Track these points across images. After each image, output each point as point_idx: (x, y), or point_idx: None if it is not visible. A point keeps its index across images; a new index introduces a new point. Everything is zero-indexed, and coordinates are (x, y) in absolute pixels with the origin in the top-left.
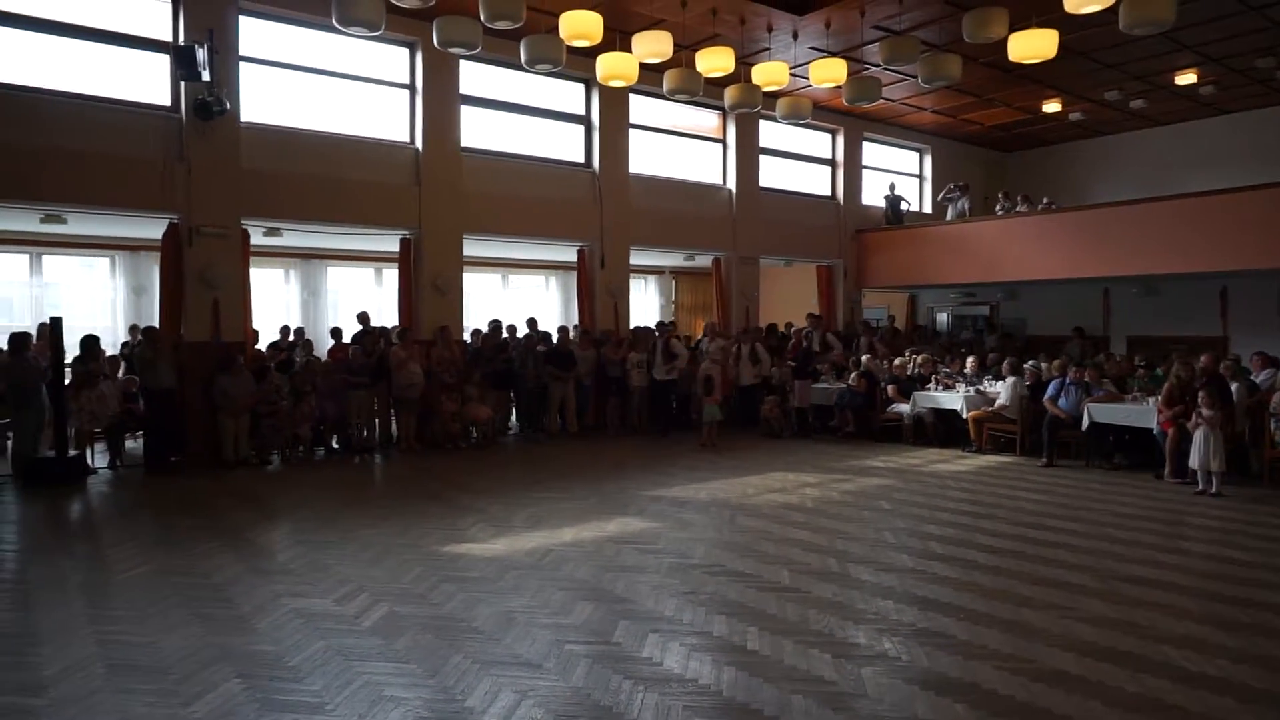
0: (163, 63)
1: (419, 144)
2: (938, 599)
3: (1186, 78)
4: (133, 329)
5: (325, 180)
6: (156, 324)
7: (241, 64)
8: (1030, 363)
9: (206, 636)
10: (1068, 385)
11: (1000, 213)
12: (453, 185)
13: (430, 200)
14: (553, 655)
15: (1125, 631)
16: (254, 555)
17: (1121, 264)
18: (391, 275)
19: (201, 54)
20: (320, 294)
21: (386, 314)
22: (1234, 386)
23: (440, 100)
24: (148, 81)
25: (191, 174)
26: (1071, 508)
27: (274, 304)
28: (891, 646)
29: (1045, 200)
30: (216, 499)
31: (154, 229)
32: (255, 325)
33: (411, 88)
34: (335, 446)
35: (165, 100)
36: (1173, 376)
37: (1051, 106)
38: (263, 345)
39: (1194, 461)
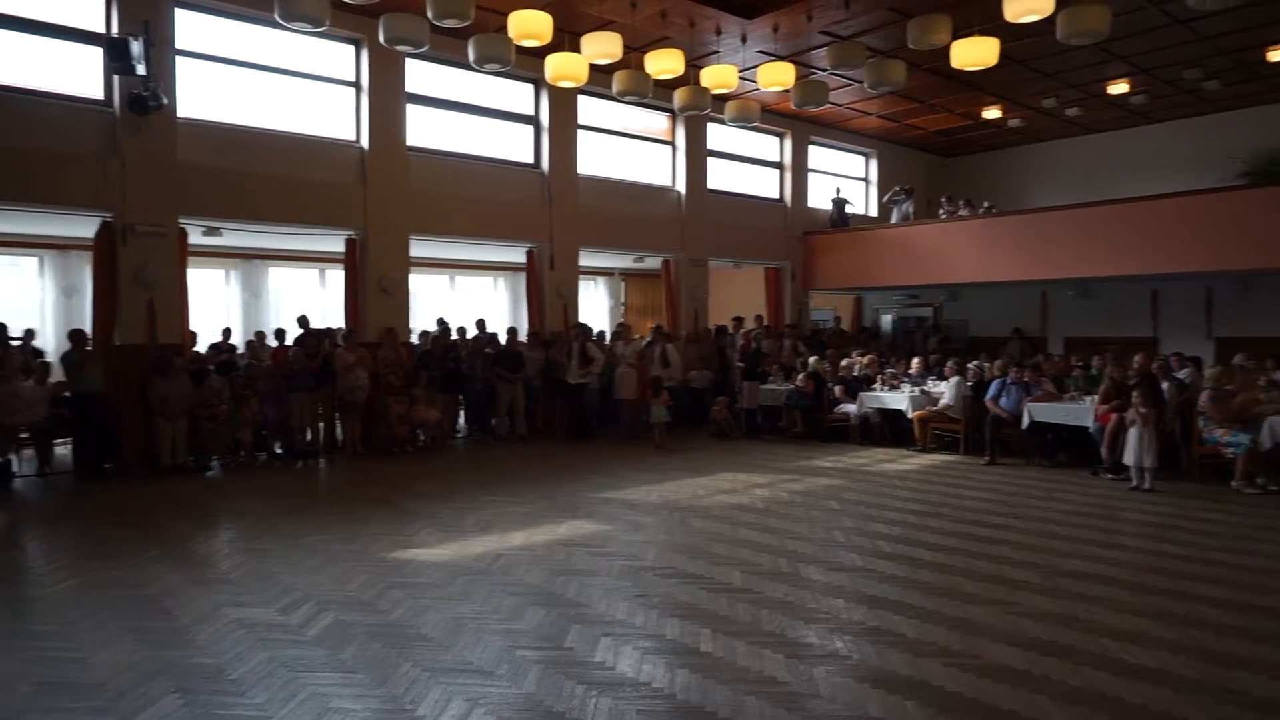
0: (95, 55)
1: (365, 143)
2: (887, 597)
3: (1119, 87)
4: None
5: (267, 179)
6: (89, 326)
7: (179, 58)
8: (973, 363)
9: (142, 650)
10: (1008, 385)
11: (943, 216)
12: (399, 185)
13: (376, 200)
14: (504, 662)
15: (1067, 625)
16: (193, 564)
17: (1058, 267)
18: (336, 276)
19: (136, 47)
20: (262, 295)
21: (331, 315)
22: (1165, 386)
23: (386, 99)
24: (79, 74)
25: (125, 171)
26: (1013, 504)
27: (213, 305)
28: (842, 645)
29: (986, 204)
30: (152, 507)
31: (85, 227)
32: (193, 327)
33: (357, 85)
34: (278, 451)
35: (98, 94)
36: (1107, 377)
37: (992, 113)
38: (203, 347)
39: (1128, 458)
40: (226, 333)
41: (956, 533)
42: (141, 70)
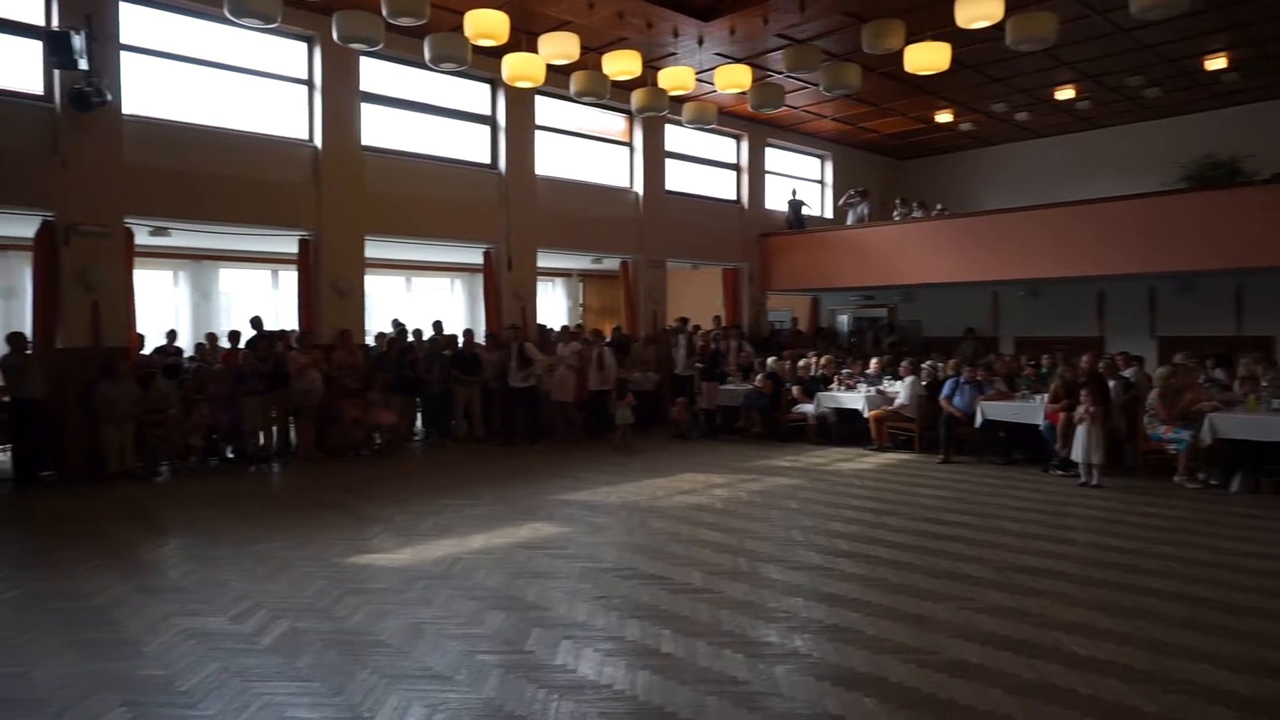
0: (35, 49)
1: (318, 142)
2: (845, 595)
3: (1066, 93)
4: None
5: (217, 178)
6: (29, 329)
7: (124, 53)
8: (927, 363)
9: (87, 663)
10: (962, 384)
11: (897, 218)
12: (354, 185)
13: (330, 200)
14: (464, 666)
15: (1020, 620)
16: (141, 573)
17: (1008, 268)
18: (289, 277)
19: (78, 41)
20: (212, 297)
21: (284, 317)
22: (1111, 385)
23: (340, 97)
24: (18, 69)
25: (67, 169)
26: (968, 502)
27: (161, 307)
28: (802, 644)
29: (939, 206)
30: (98, 515)
31: (25, 227)
32: (140, 330)
33: (310, 84)
34: (229, 456)
35: (38, 89)
36: (1058, 377)
37: (944, 117)
38: (151, 350)
39: (1076, 455)
40: (172, 335)
41: (913, 530)
42: (84, 65)
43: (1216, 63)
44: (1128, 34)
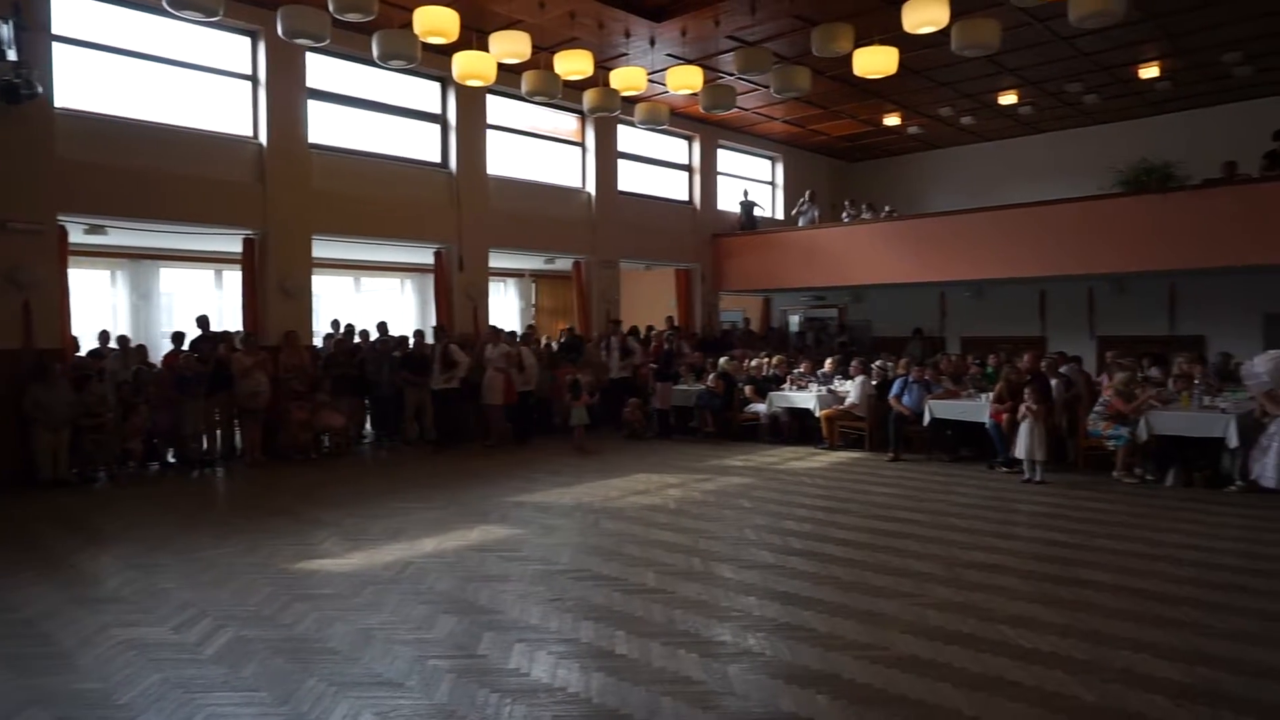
0: None
1: (263, 139)
2: (798, 593)
3: (1009, 98)
4: None
5: (157, 174)
6: None
7: (56, 44)
8: (877, 362)
9: (16, 679)
10: (910, 383)
11: (846, 219)
12: (301, 183)
13: (276, 198)
14: (415, 672)
15: (968, 614)
16: (76, 584)
17: (954, 269)
18: (234, 277)
19: (6, 31)
20: (152, 297)
21: (229, 318)
22: (1054, 383)
23: (286, 93)
24: None
25: None
26: (917, 499)
27: (98, 307)
28: (755, 642)
29: (887, 208)
30: (30, 523)
31: None
32: (76, 331)
33: (254, 79)
34: (171, 461)
35: None
36: (1003, 376)
37: (892, 120)
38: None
39: (1019, 452)
40: (104, 336)
41: (864, 528)
42: (12, 56)
43: (1150, 71)
44: (1067, 42)
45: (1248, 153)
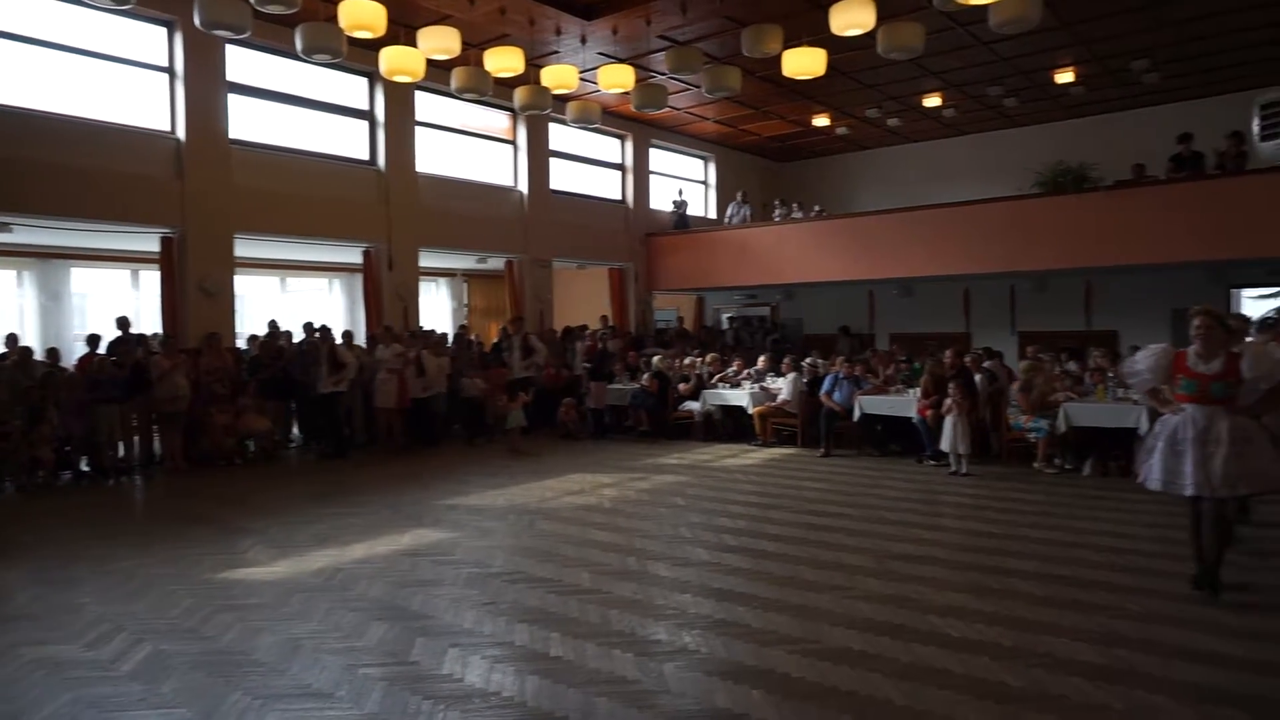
0: None
1: (180, 133)
2: (733, 589)
3: (933, 100)
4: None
5: (66, 170)
6: None
7: None
8: (807, 360)
9: None
10: (841, 380)
11: (777, 219)
12: (222, 180)
13: (195, 195)
14: (345, 682)
15: (898, 606)
16: None
17: (882, 267)
18: (151, 277)
19: None
20: (63, 298)
21: (147, 320)
22: (977, 378)
23: (204, 87)
24: None
25: None
26: (848, 493)
27: (4, 310)
28: (691, 640)
29: (817, 208)
30: None
31: None
32: None
33: (170, 71)
34: (85, 469)
35: None
36: (927, 371)
37: (821, 121)
38: None
39: (944, 445)
40: (11, 340)
41: (797, 523)
42: None
43: (1065, 76)
44: (987, 46)
45: (1156, 156)
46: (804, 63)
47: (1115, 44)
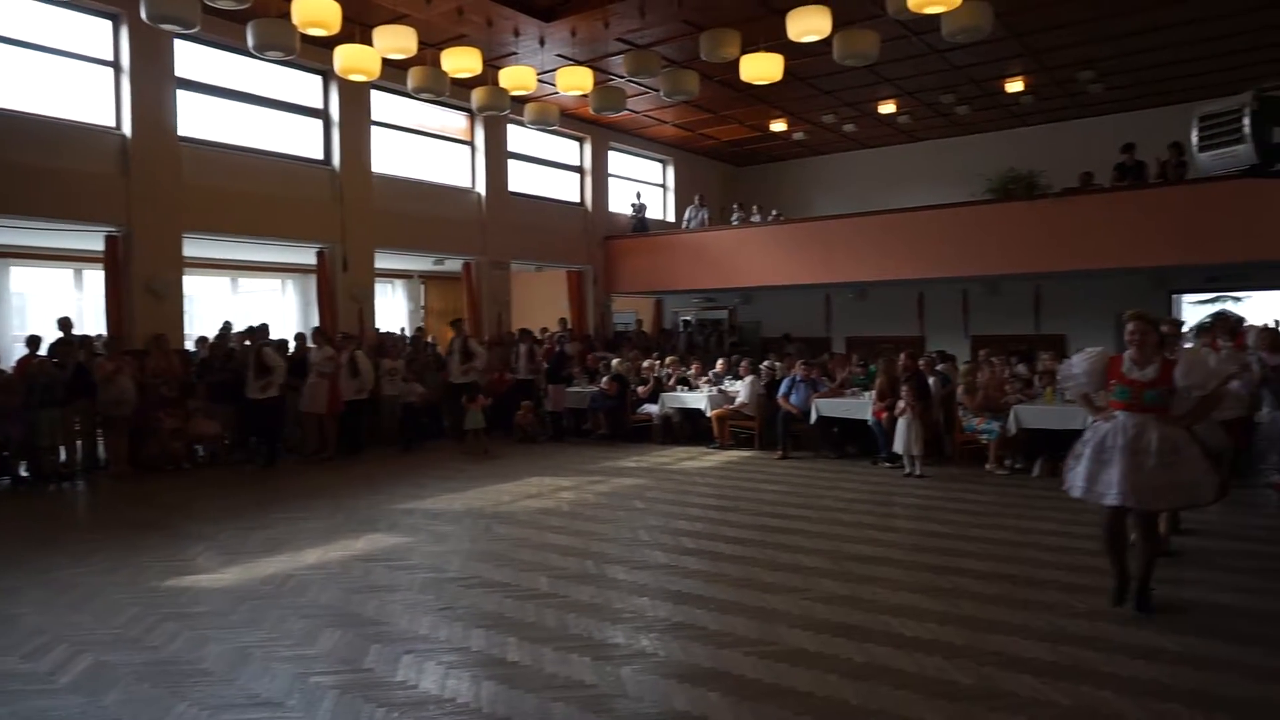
0: None
1: (126, 129)
2: (690, 592)
3: (888, 107)
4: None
5: (5, 165)
6: None
7: None
8: (765, 363)
9: None
10: (797, 382)
11: (735, 222)
12: (170, 177)
13: (141, 193)
14: (296, 690)
15: (853, 607)
16: None
17: (838, 271)
18: (96, 277)
19: None
20: (1, 298)
21: (91, 320)
22: (931, 381)
23: (152, 82)
24: None
25: None
26: (804, 495)
27: None
28: (648, 643)
29: (774, 212)
30: None
31: None
32: None
33: (116, 65)
34: (24, 475)
35: None
36: (882, 374)
37: (778, 126)
38: None
39: (898, 447)
40: None
41: (754, 525)
42: None
43: (1015, 85)
44: (940, 55)
45: (1102, 164)
46: (761, 68)
47: (1062, 55)
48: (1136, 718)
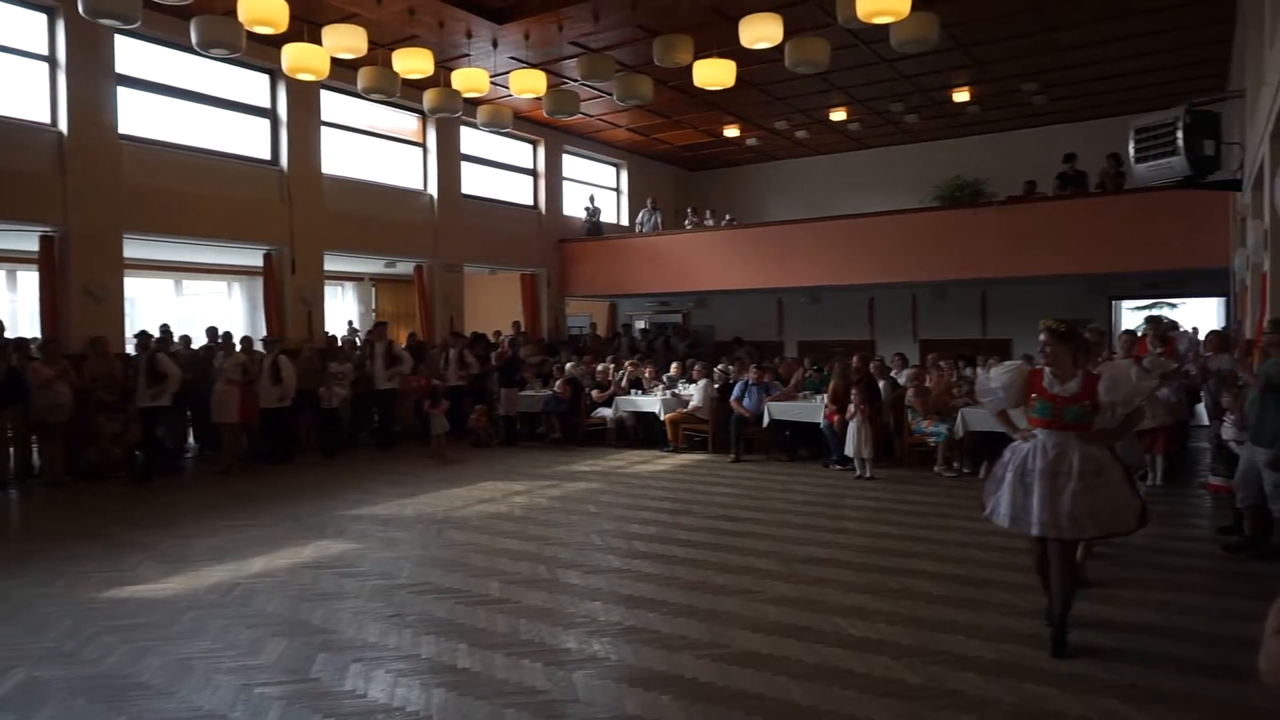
0: None
1: (63, 126)
2: (643, 596)
3: (839, 114)
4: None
5: None
6: None
7: None
8: (718, 366)
9: None
10: (750, 386)
11: (689, 226)
12: (110, 177)
13: (79, 193)
14: (240, 702)
15: (804, 608)
16: None
17: (790, 276)
18: (30, 278)
19: None
20: None
21: (25, 323)
22: (881, 384)
23: (90, 78)
24: None
25: None
26: (757, 498)
27: None
28: (601, 648)
29: (728, 217)
30: None
31: None
32: None
33: (51, 60)
34: None
35: None
36: (835, 378)
37: (731, 131)
38: None
39: (849, 450)
40: None
41: (707, 528)
42: None
43: (961, 95)
44: (889, 64)
45: (1046, 173)
46: (714, 74)
47: (1007, 67)
48: (1077, 714)
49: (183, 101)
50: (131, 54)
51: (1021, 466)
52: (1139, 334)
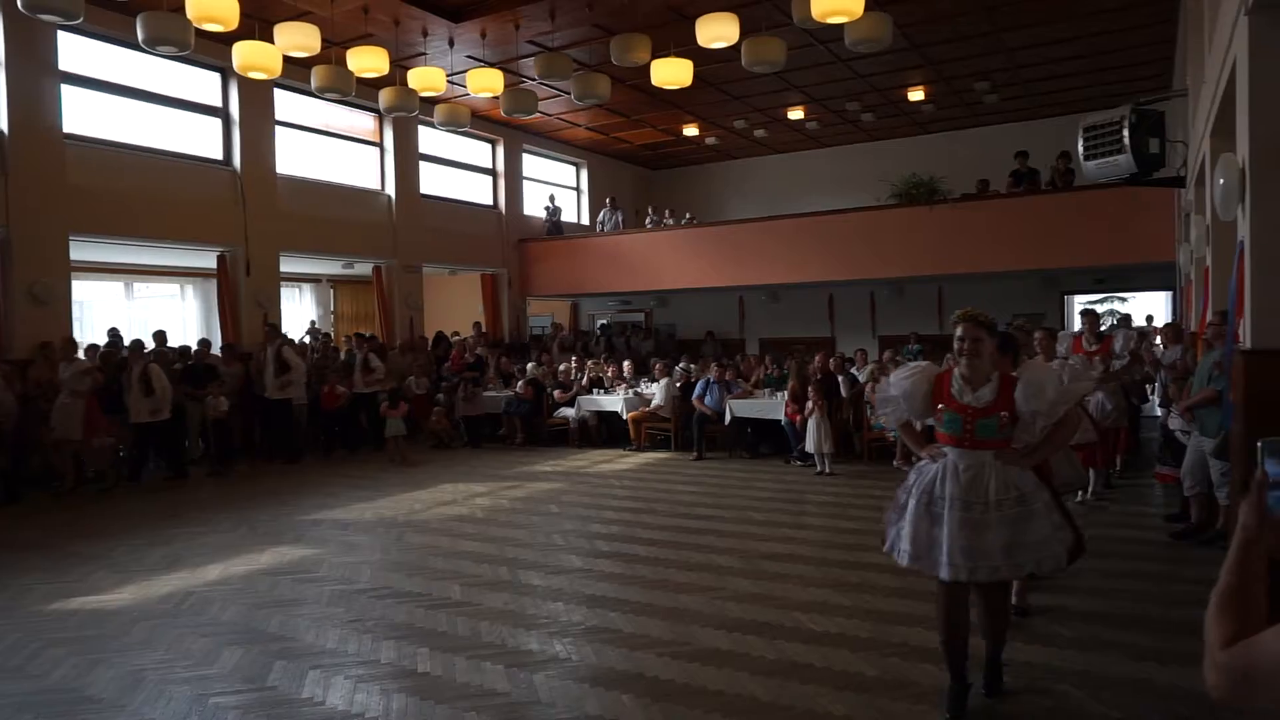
0: None
1: (3, 125)
2: (605, 595)
3: (796, 113)
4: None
5: None
6: None
7: None
8: (680, 365)
9: None
10: (711, 384)
11: (649, 225)
12: (53, 176)
13: (21, 194)
14: (194, 713)
15: (765, 604)
16: None
17: (751, 274)
18: None
19: None
20: None
21: None
22: (840, 380)
23: (32, 76)
24: None
25: None
26: (719, 495)
27: None
28: (562, 649)
29: (688, 215)
30: None
31: None
32: None
33: None
34: None
35: None
36: (794, 376)
37: (690, 130)
38: None
39: (809, 446)
40: None
41: (669, 526)
42: None
43: (916, 94)
44: (845, 64)
45: (998, 171)
46: (672, 73)
47: (960, 66)
48: (1030, 699)
49: (131, 100)
50: (76, 51)
51: (929, 492)
52: (1074, 332)
